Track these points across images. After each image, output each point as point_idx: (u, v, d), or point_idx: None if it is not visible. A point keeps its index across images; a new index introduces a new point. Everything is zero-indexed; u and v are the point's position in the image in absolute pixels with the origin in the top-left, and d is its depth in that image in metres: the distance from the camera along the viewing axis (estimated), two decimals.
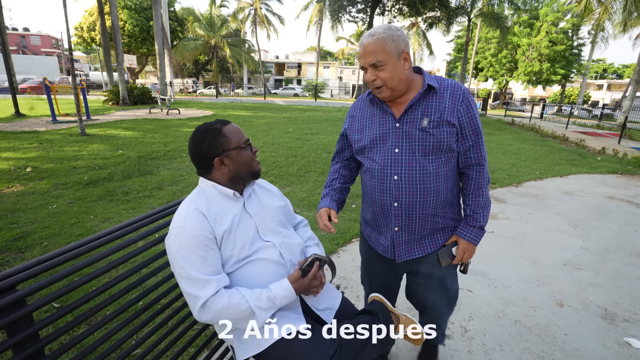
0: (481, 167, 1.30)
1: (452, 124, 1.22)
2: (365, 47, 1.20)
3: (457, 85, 1.26)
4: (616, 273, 2.90)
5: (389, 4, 12.79)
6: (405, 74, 1.23)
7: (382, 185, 1.30)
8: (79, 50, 43.52)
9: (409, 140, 1.25)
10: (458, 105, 1.23)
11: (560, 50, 25.30)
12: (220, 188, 1.18)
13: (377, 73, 1.21)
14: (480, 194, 1.32)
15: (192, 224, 1.07)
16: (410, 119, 1.25)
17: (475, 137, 1.27)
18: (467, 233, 1.34)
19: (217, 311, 1.03)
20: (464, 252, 1.36)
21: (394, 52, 1.19)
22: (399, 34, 1.19)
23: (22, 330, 0.88)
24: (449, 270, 1.42)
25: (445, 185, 1.28)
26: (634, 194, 5.33)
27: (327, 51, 66.83)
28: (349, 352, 1.10)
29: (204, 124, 1.21)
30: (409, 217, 1.29)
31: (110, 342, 1.58)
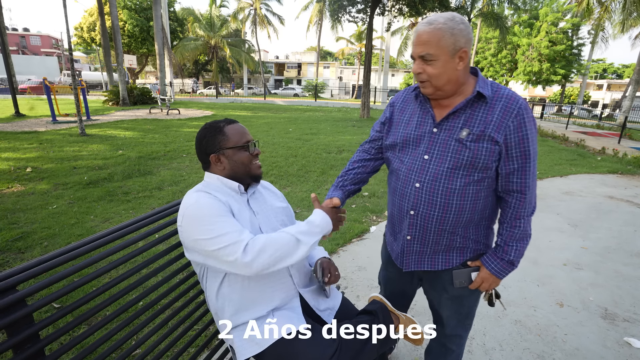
0: (522, 196, 1.13)
1: (495, 140, 1.08)
2: (419, 35, 1.07)
3: (513, 97, 1.09)
4: (616, 273, 2.90)
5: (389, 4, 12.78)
6: (457, 74, 1.10)
7: (403, 189, 1.22)
8: (79, 50, 43.53)
9: (442, 149, 1.14)
10: (508, 121, 1.07)
11: (560, 50, 25.31)
12: (225, 181, 1.22)
13: (424, 66, 1.09)
14: (517, 225, 1.16)
15: (206, 198, 1.11)
16: (449, 126, 1.14)
17: (522, 160, 1.09)
18: (492, 264, 1.20)
19: (261, 246, 1.03)
20: (483, 281, 1.23)
21: (450, 48, 1.05)
22: (461, 28, 1.04)
23: (22, 330, 0.88)
24: (465, 291, 1.30)
25: (473, 205, 1.15)
26: (634, 193, 5.33)
27: (327, 51, 66.83)
28: (349, 352, 1.10)
29: (211, 121, 1.26)
30: (423, 229, 1.21)
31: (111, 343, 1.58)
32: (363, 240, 3.35)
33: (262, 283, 1.16)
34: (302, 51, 55.63)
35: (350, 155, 6.79)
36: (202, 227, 1.04)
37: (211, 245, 1.03)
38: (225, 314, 1.15)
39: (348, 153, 7.00)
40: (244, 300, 1.14)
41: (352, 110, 18.94)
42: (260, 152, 1.28)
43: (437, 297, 1.37)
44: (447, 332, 1.43)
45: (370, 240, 3.36)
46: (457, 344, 1.46)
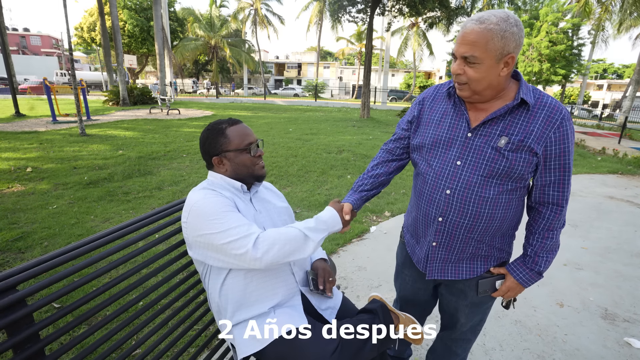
0: (559, 208, 1.09)
1: (534, 152, 1.02)
2: (466, 34, 0.98)
3: (556, 105, 1.03)
4: (616, 273, 2.90)
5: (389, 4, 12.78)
6: (499, 80, 1.02)
7: (432, 195, 1.16)
8: (79, 50, 43.54)
9: (476, 156, 1.08)
10: (550, 132, 1.01)
11: (560, 50, 25.29)
12: (228, 180, 1.23)
13: (465, 68, 1.01)
14: (550, 236, 1.12)
15: (212, 195, 1.12)
16: (486, 133, 1.07)
17: (561, 173, 1.05)
18: (520, 273, 1.17)
19: (271, 240, 1.05)
20: (509, 290, 1.20)
21: (497, 52, 0.96)
22: (513, 32, 0.95)
23: (23, 330, 0.88)
24: (485, 298, 1.28)
25: (503, 214, 1.11)
26: (634, 194, 5.33)
27: (327, 51, 66.84)
28: (349, 351, 1.10)
29: (215, 121, 1.25)
30: (450, 236, 1.16)
31: (111, 343, 1.58)
32: (363, 240, 3.35)
33: (265, 280, 1.17)
34: (302, 51, 55.64)
35: (350, 156, 6.79)
36: (210, 221, 1.05)
37: (220, 238, 1.03)
38: (227, 311, 1.15)
39: (348, 153, 7.00)
40: (246, 297, 1.14)
41: (352, 110, 18.94)
42: (263, 152, 1.28)
43: (454, 303, 1.32)
44: (456, 336, 1.40)
45: (370, 240, 3.36)
46: (463, 347, 1.45)
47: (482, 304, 1.30)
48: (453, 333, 1.41)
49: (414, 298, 1.47)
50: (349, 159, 6.52)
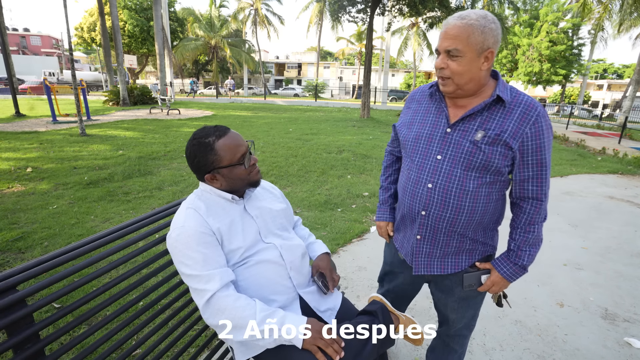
0: (538, 202, 1.14)
1: (509, 146, 1.07)
2: (448, 29, 1.04)
3: (532, 104, 1.08)
4: (616, 273, 2.90)
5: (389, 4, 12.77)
6: (480, 74, 1.08)
7: (415, 189, 1.20)
8: (79, 50, 43.55)
9: (455, 150, 1.12)
10: (525, 128, 1.06)
11: (560, 50, 25.28)
12: (219, 192, 1.18)
13: (448, 62, 1.06)
14: (532, 230, 1.16)
15: (192, 222, 1.08)
16: (464, 128, 1.12)
17: (537, 168, 1.09)
18: (504, 268, 1.21)
19: (222, 308, 1.02)
20: (493, 285, 1.23)
21: (477, 46, 1.02)
22: (492, 28, 1.02)
23: (23, 330, 0.88)
24: (472, 293, 1.31)
25: (484, 207, 1.15)
26: (634, 194, 5.33)
27: (328, 51, 66.84)
28: (349, 352, 1.10)
29: (199, 133, 1.15)
30: (434, 230, 1.20)
31: (111, 343, 1.58)
32: (363, 240, 3.35)
33: (261, 285, 1.16)
34: (302, 51, 55.64)
35: (350, 156, 6.79)
36: (178, 261, 1.07)
37: (183, 277, 1.08)
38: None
39: (348, 153, 7.00)
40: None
41: (353, 110, 18.94)
42: (257, 159, 1.23)
43: (443, 299, 1.36)
44: (451, 332, 1.44)
45: (371, 240, 3.36)
46: (460, 343, 1.47)
47: (470, 299, 1.33)
48: (448, 329, 1.44)
49: (401, 290, 1.52)
50: (349, 159, 6.52)
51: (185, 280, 1.07)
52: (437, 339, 1.54)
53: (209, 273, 1.04)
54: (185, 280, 1.07)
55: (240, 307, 1.03)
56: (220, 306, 1.03)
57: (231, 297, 1.04)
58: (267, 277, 1.17)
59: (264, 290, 1.16)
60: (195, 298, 1.06)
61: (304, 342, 1.04)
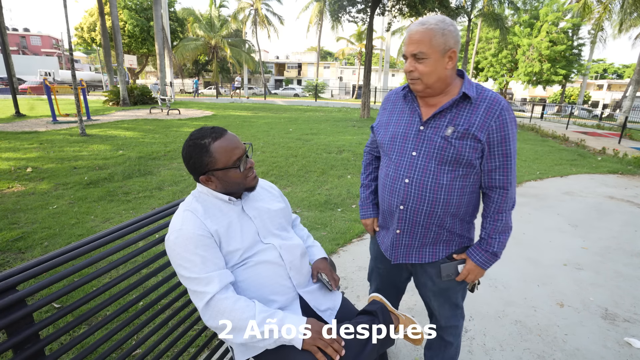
0: (504, 191, 1.21)
1: (478, 139, 1.14)
2: (411, 34, 1.13)
3: (496, 99, 1.16)
4: (616, 273, 2.90)
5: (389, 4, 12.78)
6: (446, 73, 1.16)
7: (393, 185, 1.28)
8: (79, 50, 43.56)
9: (428, 146, 1.20)
10: (491, 121, 1.14)
11: (560, 50, 25.28)
12: (215, 194, 1.18)
13: (416, 64, 1.14)
14: (500, 218, 1.24)
15: (189, 225, 1.07)
16: (435, 125, 1.20)
17: (503, 158, 1.17)
18: (477, 256, 1.27)
19: (222, 310, 1.02)
20: (469, 273, 1.30)
21: (440, 48, 1.11)
22: (450, 30, 1.11)
23: (23, 330, 0.88)
24: (452, 284, 1.37)
25: (458, 200, 1.22)
26: (634, 194, 5.33)
27: (328, 51, 66.84)
28: (349, 352, 1.10)
29: (196, 134, 1.14)
30: (412, 223, 1.27)
31: (111, 343, 1.59)
32: (363, 240, 3.35)
33: (261, 286, 1.16)
34: (302, 51, 55.63)
35: (350, 156, 6.79)
36: (176, 262, 1.06)
37: (181, 279, 1.08)
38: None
39: (348, 153, 7.00)
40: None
41: (353, 110, 18.94)
42: (253, 163, 1.21)
43: (424, 290, 1.44)
44: (442, 324, 1.49)
45: None
46: (453, 334, 1.52)
47: (450, 290, 1.39)
48: (439, 321, 1.49)
49: (390, 286, 1.58)
50: (349, 159, 6.52)
51: (184, 283, 1.07)
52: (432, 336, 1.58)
53: (207, 275, 1.04)
54: (184, 283, 1.07)
55: (239, 309, 1.03)
56: (220, 308, 1.03)
57: (230, 299, 1.04)
58: (267, 278, 1.17)
59: (263, 291, 1.16)
60: (195, 300, 1.06)
61: (304, 343, 1.04)
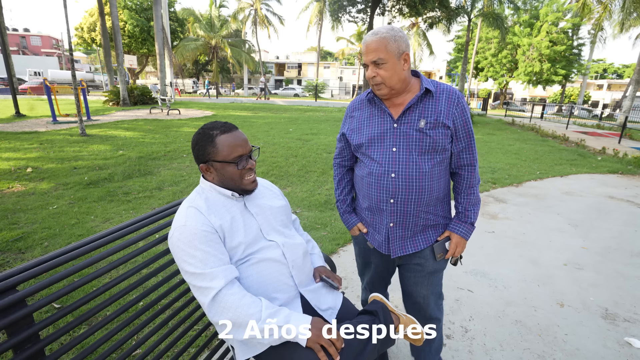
0: (472, 168, 1.38)
1: (447, 126, 1.29)
2: (368, 44, 1.25)
3: (452, 89, 1.33)
4: (617, 273, 2.90)
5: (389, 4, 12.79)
6: (404, 74, 1.28)
7: (380, 182, 1.35)
8: (79, 50, 43.56)
9: (406, 140, 1.31)
10: (453, 109, 1.29)
11: (560, 50, 25.29)
12: (218, 188, 1.19)
13: (377, 70, 1.26)
14: (472, 192, 1.40)
15: (193, 221, 1.08)
16: (407, 120, 1.31)
17: (467, 139, 1.34)
18: (459, 228, 1.41)
19: (227, 306, 1.03)
20: (457, 246, 1.42)
21: (395, 52, 1.24)
22: (400, 35, 1.25)
23: (23, 330, 0.88)
24: (438, 266, 1.47)
25: (438, 184, 1.35)
26: (635, 194, 5.33)
27: (328, 51, 66.83)
28: (349, 352, 1.10)
29: (209, 124, 1.20)
30: (403, 214, 1.36)
31: (111, 343, 1.58)
32: None
33: (263, 283, 1.16)
34: (302, 51, 55.65)
35: None
36: (181, 259, 1.06)
37: (186, 277, 1.07)
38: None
39: None
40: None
41: None
42: (254, 165, 1.23)
43: (414, 277, 1.51)
44: (427, 315, 1.56)
45: None
46: (437, 328, 1.59)
47: (437, 272, 1.50)
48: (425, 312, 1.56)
49: (379, 279, 1.68)
50: None
51: (188, 279, 1.07)
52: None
53: (212, 271, 1.04)
54: (188, 279, 1.07)
55: (246, 305, 1.04)
56: (227, 304, 1.03)
57: (237, 295, 1.05)
58: (269, 275, 1.17)
59: (265, 288, 1.16)
60: (199, 296, 1.05)
61: (308, 341, 1.05)
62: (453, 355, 1.93)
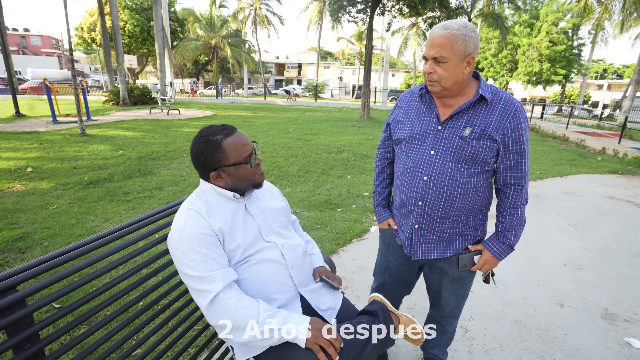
0: (520, 188, 1.27)
1: (494, 139, 1.20)
2: (434, 38, 1.16)
3: (510, 100, 1.21)
4: (616, 273, 2.90)
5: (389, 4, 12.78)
6: (463, 77, 1.20)
7: (411, 182, 1.32)
8: (79, 50, 43.55)
9: (446, 145, 1.25)
10: (506, 122, 1.19)
11: (560, 50, 25.28)
12: (220, 190, 1.18)
13: (436, 67, 1.18)
14: (515, 212, 1.30)
15: (193, 224, 1.08)
16: (453, 125, 1.24)
17: (518, 156, 1.23)
18: (494, 247, 1.34)
19: (225, 309, 1.03)
20: (485, 263, 1.36)
21: (460, 53, 1.15)
22: (472, 36, 1.15)
23: (23, 330, 0.88)
24: (465, 273, 1.43)
25: (474, 195, 1.28)
26: (634, 194, 5.33)
27: (328, 51, 66.84)
28: (349, 352, 1.10)
29: (207, 131, 1.15)
30: (430, 218, 1.31)
31: (111, 343, 1.58)
32: (363, 241, 3.35)
33: (263, 284, 1.16)
34: (302, 51, 55.64)
35: (350, 156, 6.79)
36: (179, 260, 1.06)
37: (185, 279, 1.07)
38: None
39: (348, 153, 7.00)
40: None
41: (353, 110, 18.94)
42: (261, 160, 1.23)
43: (437, 280, 1.49)
44: (445, 313, 1.57)
45: (371, 240, 3.35)
46: (451, 324, 1.62)
47: (463, 279, 1.47)
48: (442, 310, 1.57)
49: (398, 282, 1.62)
50: (349, 159, 6.52)
51: (186, 282, 1.07)
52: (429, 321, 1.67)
53: (211, 274, 1.04)
54: (186, 282, 1.07)
55: (243, 307, 1.03)
56: (224, 307, 1.03)
57: (234, 298, 1.04)
58: (269, 276, 1.17)
59: (265, 289, 1.16)
60: (198, 299, 1.06)
61: (307, 342, 1.05)
62: (453, 355, 1.93)
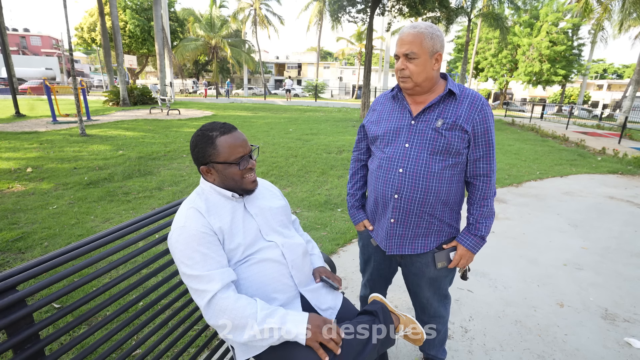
0: (488, 179, 1.34)
1: (465, 130, 1.26)
2: (404, 37, 1.25)
3: (477, 95, 1.31)
4: (616, 273, 2.90)
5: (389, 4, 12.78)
6: (433, 73, 1.28)
7: (387, 176, 1.36)
8: (79, 50, 43.55)
9: (420, 137, 1.30)
10: (474, 114, 1.27)
11: (560, 50, 25.27)
12: (219, 189, 1.19)
13: (407, 63, 1.26)
14: (485, 204, 1.35)
15: (193, 222, 1.08)
16: (425, 119, 1.31)
17: (486, 148, 1.30)
18: (467, 240, 1.38)
19: (223, 309, 1.03)
20: (461, 258, 1.39)
21: (429, 49, 1.24)
22: (438, 35, 1.25)
23: (23, 330, 0.88)
24: (442, 272, 1.46)
25: (448, 188, 1.32)
26: (634, 194, 5.33)
27: (327, 52, 66.84)
28: (349, 352, 1.10)
29: (207, 125, 1.19)
30: (406, 211, 1.34)
31: (111, 343, 1.58)
32: None
33: (263, 284, 1.16)
34: (302, 51, 55.66)
35: (350, 156, 6.78)
36: (179, 259, 1.07)
37: (183, 277, 1.07)
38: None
39: (348, 153, 7.00)
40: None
41: (353, 110, 18.94)
42: (255, 165, 1.23)
43: (416, 280, 1.51)
44: (431, 313, 1.59)
45: None
46: (441, 323, 1.63)
47: (441, 279, 1.49)
48: (428, 311, 1.59)
49: (380, 278, 1.68)
50: (349, 159, 6.52)
51: (185, 281, 1.07)
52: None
53: (209, 273, 1.04)
54: (185, 281, 1.07)
55: (241, 307, 1.04)
56: (222, 306, 1.03)
57: (231, 298, 1.04)
58: (269, 276, 1.17)
59: (265, 289, 1.16)
60: (196, 299, 1.06)
61: (307, 340, 1.05)
62: (453, 355, 1.93)
